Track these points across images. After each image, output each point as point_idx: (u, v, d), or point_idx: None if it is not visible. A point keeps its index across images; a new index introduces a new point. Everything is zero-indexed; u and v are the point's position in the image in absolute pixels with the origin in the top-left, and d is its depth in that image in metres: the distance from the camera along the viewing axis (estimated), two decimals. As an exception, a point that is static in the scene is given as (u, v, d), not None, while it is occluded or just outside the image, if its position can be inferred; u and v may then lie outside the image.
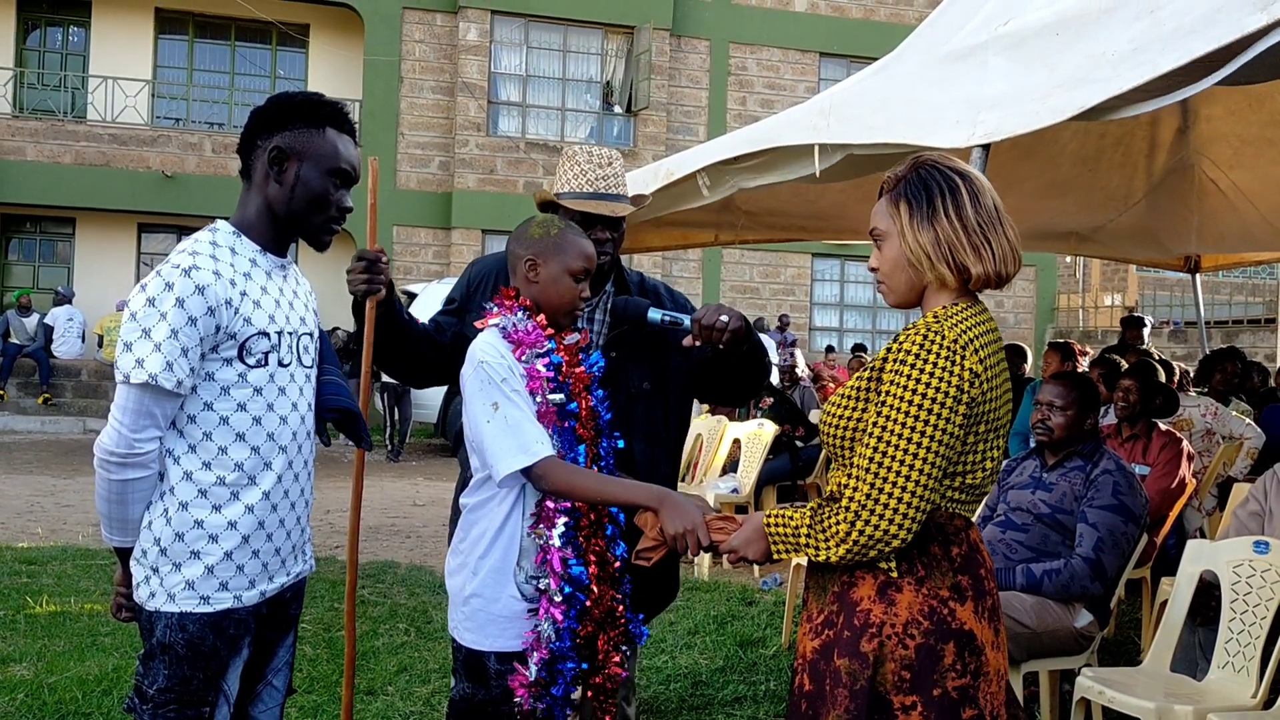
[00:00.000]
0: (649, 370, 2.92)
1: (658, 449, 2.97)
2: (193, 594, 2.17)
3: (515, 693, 2.31)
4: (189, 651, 2.17)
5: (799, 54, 19.78)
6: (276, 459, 2.25)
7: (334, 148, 2.25)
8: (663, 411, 3.00)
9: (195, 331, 2.09)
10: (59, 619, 5.24)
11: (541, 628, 2.30)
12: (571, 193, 2.91)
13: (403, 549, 7.51)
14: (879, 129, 3.28)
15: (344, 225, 2.35)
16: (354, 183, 2.31)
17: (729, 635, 5.27)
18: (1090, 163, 5.53)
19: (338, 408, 2.45)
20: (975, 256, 1.97)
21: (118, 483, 2.14)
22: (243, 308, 2.17)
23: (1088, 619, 3.79)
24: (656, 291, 3.13)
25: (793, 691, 2.11)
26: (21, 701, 4.04)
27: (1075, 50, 2.66)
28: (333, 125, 2.25)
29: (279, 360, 2.25)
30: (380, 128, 17.73)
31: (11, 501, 8.74)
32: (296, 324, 2.32)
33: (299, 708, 4.06)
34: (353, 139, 2.30)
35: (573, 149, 2.98)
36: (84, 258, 17.97)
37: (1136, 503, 3.91)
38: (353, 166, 2.29)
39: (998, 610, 2.07)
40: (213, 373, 2.16)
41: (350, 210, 2.33)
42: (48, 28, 18.31)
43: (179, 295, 2.08)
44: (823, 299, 20.35)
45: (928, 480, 1.91)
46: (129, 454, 2.12)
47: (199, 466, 2.17)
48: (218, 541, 2.18)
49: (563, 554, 2.31)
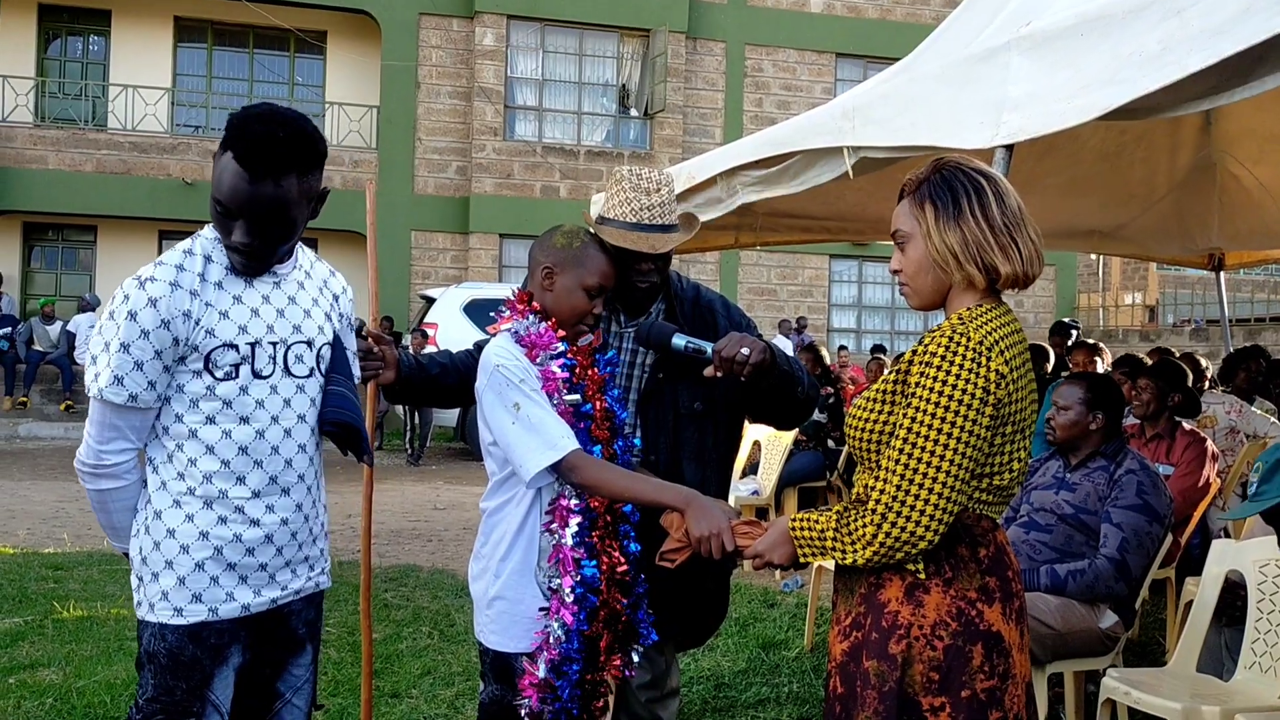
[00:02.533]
0: (700, 391, 2.83)
1: (708, 469, 2.90)
2: (167, 605, 2.16)
3: (523, 692, 2.32)
4: (170, 661, 2.15)
5: (815, 55, 19.76)
6: (251, 474, 2.19)
7: (217, 175, 2.08)
8: (713, 432, 2.92)
9: (149, 344, 2.07)
10: (86, 624, 5.28)
11: (552, 628, 2.30)
12: (614, 220, 2.72)
13: (424, 553, 7.54)
14: (903, 131, 3.28)
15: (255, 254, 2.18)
16: (242, 216, 2.10)
17: (751, 637, 5.27)
18: (1112, 160, 5.50)
19: (337, 421, 2.33)
20: (1004, 256, 1.97)
21: (95, 492, 2.18)
22: (205, 319, 2.12)
23: (1113, 620, 3.77)
24: (711, 306, 3.00)
25: (828, 694, 2.11)
26: (51, 706, 4.08)
27: (1100, 51, 2.66)
28: (232, 152, 2.05)
29: (254, 371, 2.18)
30: (397, 133, 17.80)
31: (37, 508, 8.82)
32: (286, 332, 2.24)
33: (325, 713, 4.08)
34: (251, 171, 2.04)
35: (621, 172, 2.80)
36: (106, 265, 18.11)
37: (1161, 503, 3.89)
38: (233, 199, 2.07)
39: (1024, 612, 2.07)
40: (183, 385, 2.14)
41: (245, 245, 2.13)
42: (68, 37, 18.47)
43: (132, 308, 2.06)
44: (840, 300, 20.31)
45: (955, 482, 1.91)
46: (98, 465, 2.14)
47: (173, 476, 2.16)
48: (189, 552, 2.16)
49: (575, 554, 2.31)
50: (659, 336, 2.73)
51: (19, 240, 18.06)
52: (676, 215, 2.83)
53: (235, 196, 2.07)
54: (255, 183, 2.05)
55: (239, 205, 2.08)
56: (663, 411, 2.75)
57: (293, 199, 2.11)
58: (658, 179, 2.79)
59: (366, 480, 2.95)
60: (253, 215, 2.10)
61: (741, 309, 3.14)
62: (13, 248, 17.95)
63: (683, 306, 2.94)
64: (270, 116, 2.07)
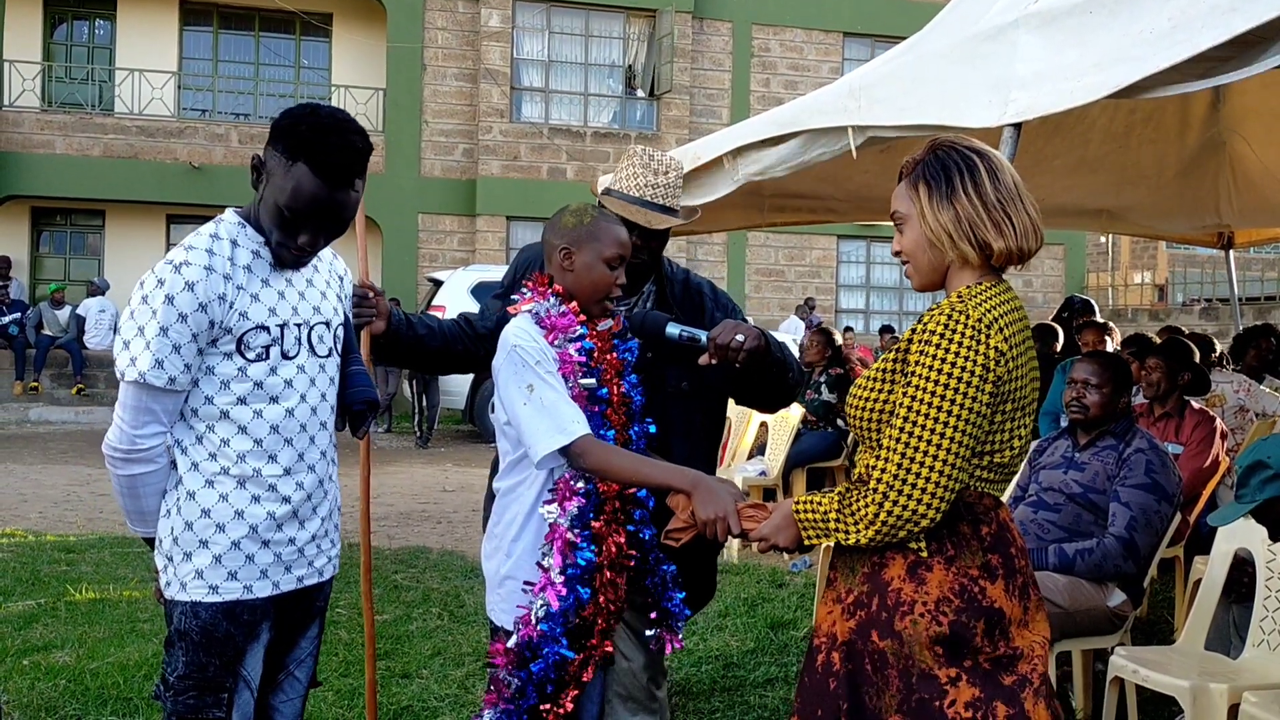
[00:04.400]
0: (686, 370, 2.89)
1: (695, 448, 2.94)
2: (202, 583, 2.20)
3: (493, 660, 2.33)
4: (204, 638, 2.19)
5: (822, 34, 19.65)
6: (282, 452, 2.24)
7: (292, 186, 2.13)
8: (700, 412, 3.00)
9: (186, 328, 2.10)
10: (99, 606, 5.32)
11: (534, 605, 2.31)
12: (619, 193, 2.86)
13: (434, 534, 7.57)
14: (910, 111, 3.27)
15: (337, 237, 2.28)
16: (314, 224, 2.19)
17: (759, 617, 5.29)
18: (1120, 139, 5.47)
19: (366, 400, 2.45)
20: (997, 232, 1.97)
21: (126, 477, 2.18)
22: (238, 302, 2.16)
23: (1121, 598, 3.77)
24: (700, 290, 3.07)
25: (814, 669, 2.10)
26: (64, 687, 4.11)
27: (1110, 28, 2.64)
28: (306, 163, 2.12)
29: (283, 353, 2.24)
30: (404, 116, 17.77)
31: (49, 492, 8.87)
32: (308, 314, 2.30)
33: (336, 691, 4.11)
34: (329, 182, 2.13)
35: (636, 149, 2.91)
36: (114, 249, 18.14)
37: (1170, 481, 3.88)
38: (310, 208, 2.15)
39: (1029, 588, 2.07)
40: (213, 367, 2.17)
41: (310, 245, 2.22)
42: (74, 21, 18.43)
43: (169, 292, 2.09)
44: (848, 281, 20.25)
45: (955, 460, 1.91)
46: (131, 450, 2.15)
47: (205, 457, 2.19)
48: (224, 531, 2.20)
49: (570, 535, 2.32)
50: (653, 326, 2.77)
51: (28, 225, 18.08)
52: (679, 202, 2.91)
53: (315, 205, 2.15)
54: (334, 191, 2.15)
55: (316, 212, 2.17)
56: (650, 391, 2.78)
57: (358, 201, 2.23)
58: (668, 163, 2.88)
59: (364, 456, 3.00)
60: (325, 221, 2.20)
61: (729, 295, 3.21)
62: (21, 233, 17.98)
63: (673, 289, 3.02)
64: (341, 126, 2.15)
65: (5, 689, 4.02)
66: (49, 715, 3.86)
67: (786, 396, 3.04)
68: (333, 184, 2.14)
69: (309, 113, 2.17)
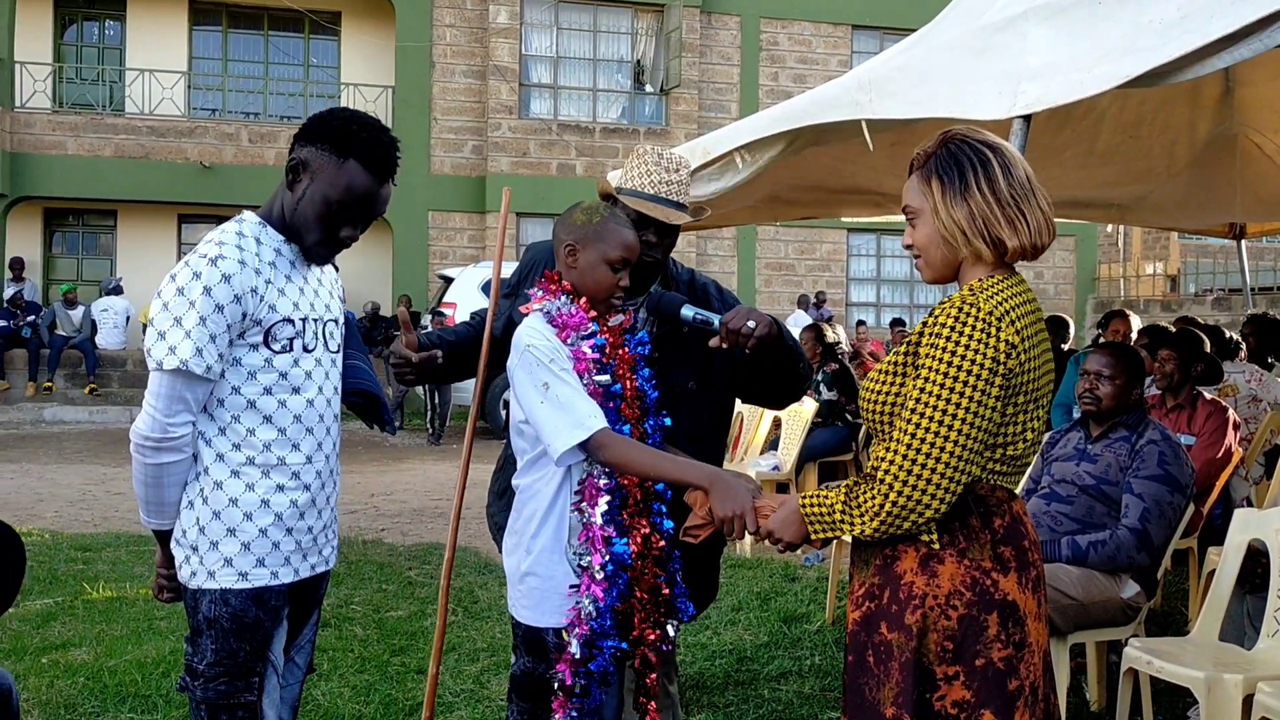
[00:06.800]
0: (694, 370, 2.93)
1: (702, 448, 2.92)
2: (231, 570, 2.26)
3: (556, 668, 2.36)
4: (234, 625, 2.25)
5: (830, 27, 19.60)
6: (304, 440, 2.33)
7: (346, 181, 2.25)
8: (707, 409, 3.03)
9: (222, 319, 2.17)
10: (115, 604, 5.36)
11: (583, 604, 2.34)
12: (632, 190, 2.90)
13: (447, 531, 7.57)
14: (921, 103, 3.27)
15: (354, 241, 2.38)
16: (360, 216, 2.32)
17: (772, 611, 5.30)
18: (1130, 130, 5.46)
19: (359, 390, 2.56)
20: (1010, 229, 1.97)
21: (153, 466, 2.22)
22: (268, 295, 2.24)
23: (1134, 590, 3.77)
24: (706, 289, 3.12)
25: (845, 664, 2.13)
26: (83, 685, 4.15)
27: (1119, 19, 2.64)
28: (358, 159, 2.25)
29: (304, 346, 2.32)
30: (413, 113, 17.79)
31: (64, 490, 8.92)
32: (321, 311, 2.40)
33: (352, 687, 4.14)
34: (379, 176, 2.29)
35: (644, 148, 2.97)
36: (126, 249, 18.20)
37: (1183, 472, 3.88)
38: (361, 201, 2.29)
39: (1041, 582, 2.08)
40: (240, 358, 2.24)
41: (351, 237, 2.34)
42: (84, 22, 18.50)
43: (206, 284, 2.16)
44: (859, 274, 20.20)
45: (963, 452, 1.91)
46: (164, 438, 2.20)
47: (230, 448, 2.26)
48: (252, 519, 2.27)
49: (605, 531, 2.35)
50: (668, 307, 2.86)
51: (40, 226, 18.17)
52: (689, 199, 2.97)
53: (365, 199, 2.29)
54: (381, 185, 2.31)
55: (363, 206, 2.30)
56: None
57: (390, 195, 2.38)
58: (678, 160, 2.94)
59: (465, 454, 3.22)
60: (368, 214, 2.32)
61: (734, 293, 3.27)
62: (34, 234, 18.05)
63: (679, 288, 3.06)
64: (378, 125, 2.33)
65: (24, 687, 4.05)
66: (68, 713, 3.89)
67: (796, 389, 3.08)
68: (381, 179, 2.30)
69: (351, 116, 2.32)
